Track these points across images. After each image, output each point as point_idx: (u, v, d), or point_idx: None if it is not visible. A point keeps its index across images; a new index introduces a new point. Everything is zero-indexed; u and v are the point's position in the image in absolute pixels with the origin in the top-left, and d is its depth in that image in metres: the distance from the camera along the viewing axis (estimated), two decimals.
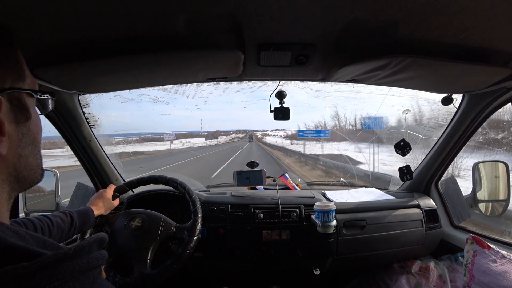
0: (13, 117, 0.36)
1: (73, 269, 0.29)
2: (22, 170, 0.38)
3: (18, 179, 0.38)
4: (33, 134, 0.40)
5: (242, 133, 76.49)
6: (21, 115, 0.37)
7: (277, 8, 0.59)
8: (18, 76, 0.38)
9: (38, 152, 0.42)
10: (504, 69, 0.81)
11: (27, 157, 0.38)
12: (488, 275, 0.92)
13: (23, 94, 0.38)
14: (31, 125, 0.39)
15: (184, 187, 1.11)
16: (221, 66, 0.89)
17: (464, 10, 0.58)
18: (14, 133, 0.36)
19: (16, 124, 0.37)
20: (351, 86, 1.21)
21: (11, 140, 0.35)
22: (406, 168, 1.35)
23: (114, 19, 0.60)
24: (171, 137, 37.84)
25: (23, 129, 0.38)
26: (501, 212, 1.25)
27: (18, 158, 0.37)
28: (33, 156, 0.40)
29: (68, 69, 0.79)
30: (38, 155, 0.41)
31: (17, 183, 0.38)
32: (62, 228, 0.82)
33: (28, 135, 0.39)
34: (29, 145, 0.39)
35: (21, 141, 0.37)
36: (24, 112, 0.38)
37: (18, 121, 0.37)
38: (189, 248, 0.95)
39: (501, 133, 3.99)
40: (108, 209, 1.08)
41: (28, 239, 0.31)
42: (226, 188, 1.63)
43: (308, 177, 7.56)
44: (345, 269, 1.38)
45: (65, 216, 0.85)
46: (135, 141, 23.73)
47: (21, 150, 0.37)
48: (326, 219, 1.09)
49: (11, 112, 0.36)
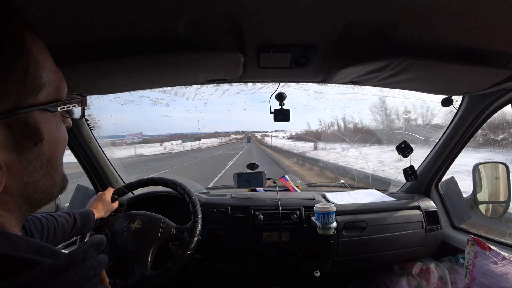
0: (13, 145, 0.29)
1: (65, 284, 0.25)
2: (32, 195, 0.33)
3: (31, 202, 0.33)
4: (46, 156, 0.33)
5: (241, 134, 75.76)
6: (26, 140, 0.30)
7: (277, 10, 0.60)
8: (27, 89, 0.30)
9: (55, 171, 0.35)
10: (504, 70, 0.81)
11: (38, 181, 0.33)
12: (489, 276, 0.91)
13: (34, 112, 0.31)
14: (44, 147, 0.32)
15: (183, 188, 1.11)
16: (221, 68, 0.89)
17: (464, 12, 0.58)
18: (16, 162, 0.30)
19: (18, 151, 0.30)
20: (351, 87, 1.21)
21: (11, 171, 0.30)
22: (410, 168, 1.35)
23: (114, 20, 0.60)
24: (135, 138, 26.10)
25: (29, 155, 0.31)
26: (501, 213, 1.25)
27: (25, 186, 0.31)
28: (47, 177, 0.34)
29: (68, 70, 0.79)
30: (55, 173, 0.35)
31: (30, 205, 0.33)
32: (65, 228, 0.82)
33: (39, 159, 0.32)
34: (40, 169, 0.33)
35: (27, 169, 0.31)
36: (31, 136, 0.31)
37: (22, 148, 0.30)
38: (189, 249, 0.95)
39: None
40: (108, 211, 1.07)
41: (22, 245, 0.28)
42: (226, 190, 1.62)
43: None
44: (345, 270, 1.37)
45: (69, 217, 0.85)
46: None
47: (28, 178, 0.31)
48: (326, 221, 1.09)
49: (11, 139, 0.29)
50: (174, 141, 40.68)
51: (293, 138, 33.20)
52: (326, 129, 21.34)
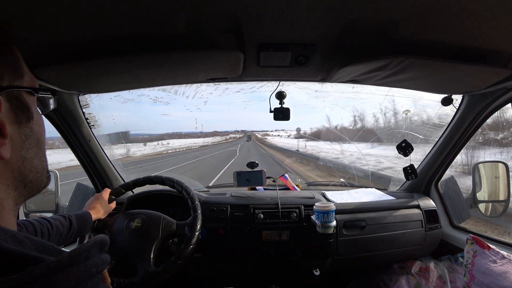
0: (14, 118, 0.34)
1: (68, 280, 0.26)
2: (28, 174, 0.36)
3: (25, 183, 0.36)
4: (36, 135, 0.38)
5: (240, 133, 74.46)
6: (22, 115, 0.35)
7: (277, 8, 0.59)
8: (16, 73, 0.36)
9: (43, 154, 0.39)
10: (504, 69, 0.81)
11: (32, 159, 0.36)
12: (488, 275, 0.92)
13: (23, 92, 0.36)
14: (34, 125, 0.37)
15: (181, 185, 1.11)
16: (221, 67, 0.89)
17: (464, 11, 0.58)
18: (17, 135, 0.34)
19: (18, 124, 0.34)
20: (351, 86, 1.21)
21: (13, 142, 0.33)
22: (410, 167, 1.35)
23: (114, 19, 0.60)
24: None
25: (25, 130, 0.36)
26: (501, 212, 1.25)
27: (23, 161, 0.35)
28: (38, 158, 0.38)
29: (68, 69, 0.79)
30: (43, 157, 0.39)
31: (24, 188, 0.36)
32: (60, 231, 0.81)
33: (32, 136, 0.37)
34: (33, 147, 0.37)
35: (25, 143, 0.35)
36: (25, 112, 0.36)
37: (20, 122, 0.35)
38: (191, 243, 0.95)
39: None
40: (106, 212, 1.07)
41: (27, 243, 0.29)
42: (226, 188, 1.63)
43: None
44: (345, 269, 1.38)
45: (64, 220, 0.84)
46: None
47: (25, 153, 0.35)
48: (326, 220, 1.09)
49: (11, 112, 0.34)
50: (164, 141, 37.79)
51: (304, 137, 25.93)
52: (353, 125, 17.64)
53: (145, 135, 40.42)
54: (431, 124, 1.48)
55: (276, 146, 22.75)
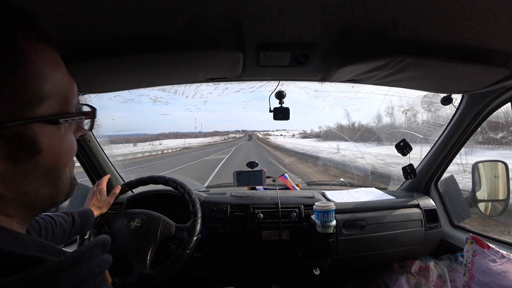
0: (7, 155, 0.29)
1: (71, 280, 0.26)
2: (33, 202, 0.33)
3: (33, 208, 0.33)
4: (46, 167, 0.32)
5: (241, 133, 73.79)
6: (20, 152, 0.30)
7: (277, 8, 0.59)
8: (25, 101, 0.29)
9: (59, 178, 0.35)
10: (504, 69, 0.81)
11: (37, 190, 0.32)
12: (487, 274, 0.92)
13: (32, 124, 0.30)
14: (42, 159, 0.32)
15: (183, 187, 1.11)
16: (221, 66, 0.89)
17: (463, 10, 0.58)
18: (10, 173, 0.29)
19: (13, 162, 0.29)
20: (351, 86, 1.21)
21: (5, 180, 0.29)
22: (410, 167, 1.35)
23: (113, 19, 0.60)
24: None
25: (25, 166, 0.30)
26: (500, 211, 1.25)
27: (24, 195, 0.31)
28: (49, 186, 0.34)
29: (67, 69, 0.78)
30: (58, 182, 0.35)
31: (32, 211, 0.34)
32: (64, 228, 0.82)
33: (37, 170, 0.32)
34: (39, 179, 0.32)
35: (24, 179, 0.31)
36: (25, 148, 0.30)
37: (16, 159, 0.30)
38: (188, 248, 0.95)
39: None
40: (107, 205, 1.06)
41: (29, 244, 0.29)
42: (225, 188, 1.63)
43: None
44: (345, 269, 1.38)
45: (67, 216, 0.85)
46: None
47: (26, 187, 0.31)
48: (325, 219, 1.09)
49: (4, 149, 0.29)
50: (159, 141, 35.04)
51: (316, 137, 21.65)
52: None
53: (139, 135, 35.94)
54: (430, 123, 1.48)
55: (283, 148, 17.84)
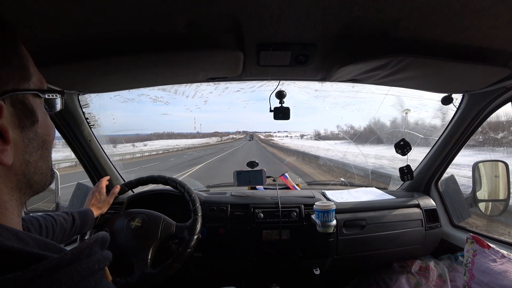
0: (17, 122, 0.34)
1: (71, 276, 0.26)
2: (32, 176, 0.36)
3: (30, 184, 0.36)
4: (41, 137, 0.37)
5: (241, 134, 73.26)
6: (26, 119, 0.35)
7: (277, 8, 0.59)
8: (22, 75, 0.35)
9: (49, 154, 0.39)
10: (504, 68, 0.81)
11: (36, 162, 0.36)
12: (488, 274, 0.92)
13: (29, 95, 0.35)
14: (39, 129, 0.37)
15: (183, 186, 1.11)
16: (221, 66, 0.89)
17: (464, 10, 0.58)
18: (20, 139, 0.34)
19: (21, 129, 0.34)
20: (351, 85, 1.21)
21: (16, 147, 0.33)
22: (407, 168, 1.35)
23: (114, 19, 0.60)
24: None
25: (29, 134, 0.35)
26: (501, 211, 1.25)
27: (27, 165, 0.35)
28: (43, 159, 0.38)
29: (68, 69, 0.79)
30: (48, 157, 0.39)
31: (29, 188, 0.36)
32: (64, 227, 0.82)
33: (36, 139, 0.36)
34: (37, 150, 0.36)
35: (28, 147, 0.35)
36: (30, 116, 0.35)
37: (24, 126, 0.34)
38: (189, 247, 0.95)
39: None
40: (107, 205, 1.07)
41: (29, 241, 0.30)
42: (226, 188, 1.63)
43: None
44: (345, 268, 1.38)
45: (67, 216, 0.85)
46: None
47: (29, 156, 0.35)
48: (326, 219, 1.09)
49: (14, 116, 0.33)
50: (152, 141, 32.86)
51: (335, 138, 18.48)
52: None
53: (132, 135, 32.33)
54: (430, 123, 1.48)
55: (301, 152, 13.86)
